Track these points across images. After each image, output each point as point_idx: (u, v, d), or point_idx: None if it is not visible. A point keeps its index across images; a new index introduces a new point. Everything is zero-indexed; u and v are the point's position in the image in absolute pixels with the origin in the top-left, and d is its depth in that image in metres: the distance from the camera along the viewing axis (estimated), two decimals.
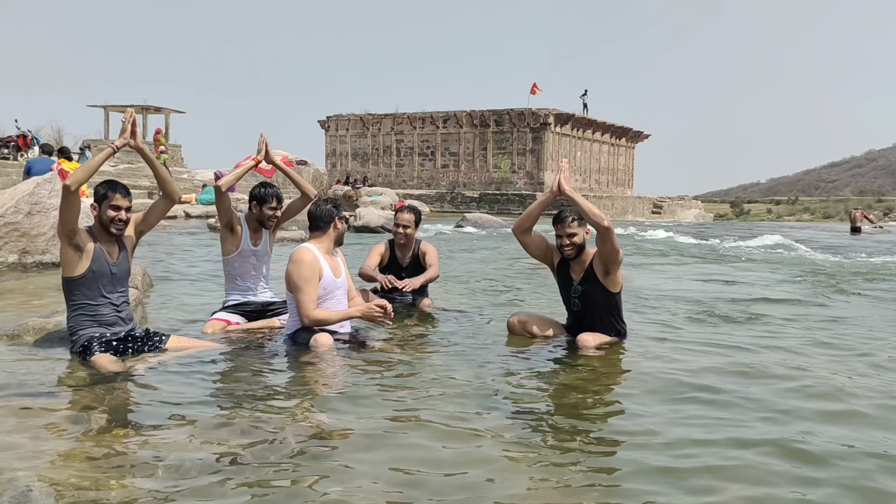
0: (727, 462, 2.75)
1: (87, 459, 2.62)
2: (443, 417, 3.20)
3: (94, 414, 3.15)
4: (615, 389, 3.84)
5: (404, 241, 6.03)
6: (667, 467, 2.69)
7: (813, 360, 4.47)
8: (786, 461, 2.77)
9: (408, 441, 2.92)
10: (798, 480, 2.61)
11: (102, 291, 4.06)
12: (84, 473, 2.48)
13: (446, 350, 4.56)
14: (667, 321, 5.81)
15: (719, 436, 3.05)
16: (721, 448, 2.91)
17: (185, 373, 3.85)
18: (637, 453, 2.83)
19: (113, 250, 4.13)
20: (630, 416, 3.34)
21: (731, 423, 3.23)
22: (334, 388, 3.67)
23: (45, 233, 7.39)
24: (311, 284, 4.37)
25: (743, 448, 2.90)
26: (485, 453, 2.80)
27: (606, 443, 2.99)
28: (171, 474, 2.52)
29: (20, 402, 3.27)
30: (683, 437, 3.02)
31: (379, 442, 2.90)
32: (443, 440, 2.92)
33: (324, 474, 2.56)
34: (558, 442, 2.99)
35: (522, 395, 3.65)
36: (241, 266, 5.11)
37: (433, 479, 2.55)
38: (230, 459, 2.66)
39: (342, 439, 2.92)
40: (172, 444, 2.81)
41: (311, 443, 2.86)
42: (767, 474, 2.65)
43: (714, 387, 3.80)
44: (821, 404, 3.54)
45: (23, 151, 25.15)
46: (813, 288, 8.43)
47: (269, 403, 3.36)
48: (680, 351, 4.67)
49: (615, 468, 2.70)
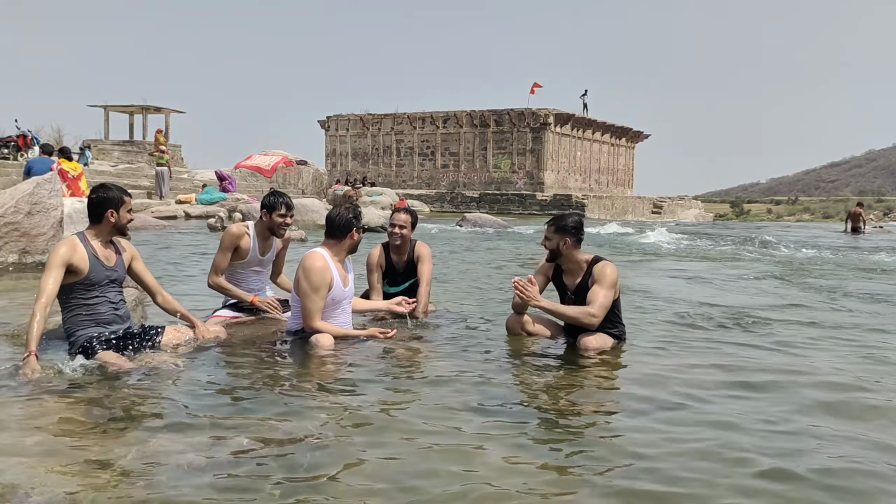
0: (728, 460, 2.76)
1: (87, 460, 2.61)
2: (443, 417, 3.20)
3: (94, 414, 3.15)
4: (614, 391, 3.84)
5: (400, 243, 5.70)
6: (666, 467, 2.69)
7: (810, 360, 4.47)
8: (784, 465, 2.78)
9: (407, 441, 2.91)
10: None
11: (99, 291, 4.03)
12: (84, 474, 2.48)
13: (445, 350, 4.56)
14: (666, 320, 5.81)
15: (719, 437, 3.05)
16: (721, 449, 2.91)
17: (185, 372, 3.84)
18: (637, 454, 2.83)
19: (110, 256, 4.10)
20: (630, 417, 3.33)
21: (731, 424, 3.23)
22: (333, 388, 3.67)
23: (45, 233, 7.39)
24: (318, 294, 4.36)
25: (744, 449, 2.90)
26: (484, 453, 2.80)
27: (606, 444, 2.98)
28: (171, 474, 2.52)
29: (20, 402, 3.26)
30: (683, 438, 3.02)
31: (377, 442, 2.90)
32: (442, 441, 2.92)
33: (323, 474, 2.56)
34: (557, 443, 2.99)
35: (522, 396, 3.65)
36: (244, 272, 5.13)
37: (433, 479, 2.55)
38: (231, 460, 2.66)
39: (342, 439, 2.92)
40: (172, 444, 2.81)
41: (311, 442, 2.86)
42: (769, 481, 2.65)
43: (715, 387, 3.80)
44: (817, 394, 3.54)
45: (23, 151, 25.14)
46: (813, 291, 8.43)
47: (270, 404, 3.36)
48: (680, 353, 4.67)
49: (615, 470, 2.70)
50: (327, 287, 4.40)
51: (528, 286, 4.41)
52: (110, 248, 4.13)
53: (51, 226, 7.43)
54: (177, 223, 17.68)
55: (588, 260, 4.69)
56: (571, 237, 4.63)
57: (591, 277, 4.61)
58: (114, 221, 4.05)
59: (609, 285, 4.54)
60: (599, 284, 4.54)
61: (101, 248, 4.07)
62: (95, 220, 4.09)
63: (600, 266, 4.61)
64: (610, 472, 2.67)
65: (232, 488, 2.44)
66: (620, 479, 2.60)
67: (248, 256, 5.05)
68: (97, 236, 4.08)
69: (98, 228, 4.09)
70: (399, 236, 5.68)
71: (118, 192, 4.10)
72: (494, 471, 2.63)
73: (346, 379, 3.85)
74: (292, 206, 5.09)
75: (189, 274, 8.19)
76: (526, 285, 4.41)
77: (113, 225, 4.07)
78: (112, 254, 4.13)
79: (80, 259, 3.94)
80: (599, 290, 4.52)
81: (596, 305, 4.47)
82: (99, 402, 3.32)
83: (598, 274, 4.58)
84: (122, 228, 4.10)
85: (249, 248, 5.04)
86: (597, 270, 4.60)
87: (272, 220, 5.01)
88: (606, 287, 4.53)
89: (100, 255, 4.04)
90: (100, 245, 4.07)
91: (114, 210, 4.04)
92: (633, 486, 2.53)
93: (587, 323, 4.47)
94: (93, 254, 4.01)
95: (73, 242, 3.98)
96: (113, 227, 4.08)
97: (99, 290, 4.03)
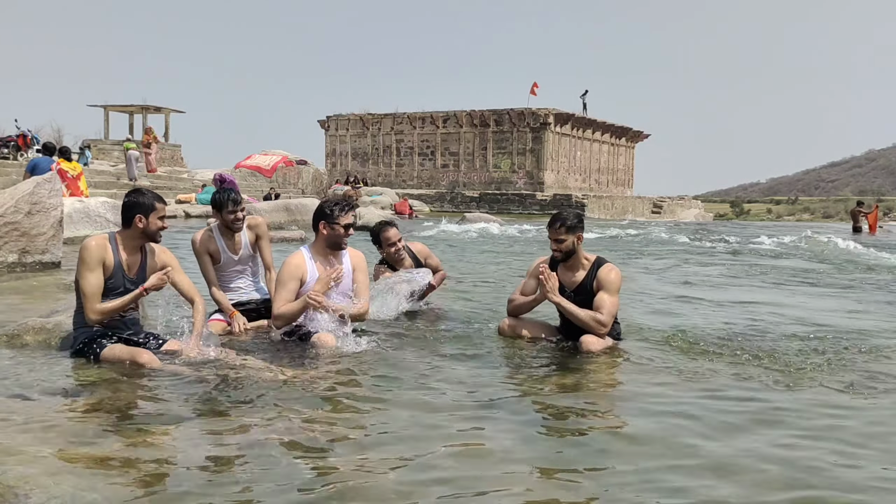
0: (728, 464, 2.76)
1: (86, 460, 2.61)
2: (442, 418, 3.20)
3: (94, 414, 3.15)
4: (613, 392, 3.85)
5: (402, 256, 5.84)
6: (663, 470, 2.69)
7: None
8: (783, 467, 2.78)
9: (406, 441, 2.91)
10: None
11: (114, 296, 3.97)
12: (84, 475, 2.48)
13: (445, 350, 4.56)
14: (665, 320, 5.80)
15: (719, 440, 3.05)
16: (722, 449, 2.91)
17: (184, 373, 3.84)
18: (636, 455, 2.83)
19: (134, 264, 4.04)
20: (629, 418, 3.33)
21: (732, 425, 3.23)
22: (333, 388, 3.66)
23: (44, 232, 7.39)
24: (285, 287, 4.52)
25: (746, 448, 2.90)
26: (483, 454, 2.80)
27: (604, 445, 2.98)
28: (171, 475, 2.52)
29: (20, 402, 3.26)
30: (682, 438, 3.02)
31: (375, 441, 2.90)
32: (442, 440, 2.92)
33: (322, 474, 2.56)
34: (558, 443, 2.99)
35: (522, 396, 3.65)
36: (226, 273, 5.16)
37: (432, 479, 2.55)
38: (231, 460, 2.66)
39: (340, 438, 2.92)
40: (172, 444, 2.82)
41: (311, 442, 2.86)
42: (770, 478, 2.65)
43: (715, 389, 3.80)
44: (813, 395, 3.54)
45: (23, 151, 25.14)
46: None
47: (269, 403, 3.36)
48: (679, 352, 4.66)
49: (613, 471, 2.70)
50: (297, 281, 4.53)
51: (552, 278, 4.50)
52: (137, 254, 4.07)
53: (51, 226, 7.44)
54: (177, 223, 17.68)
55: (590, 259, 4.68)
56: (581, 231, 4.65)
57: (595, 280, 4.59)
58: (142, 227, 4.00)
59: (615, 291, 4.56)
60: (606, 291, 4.54)
61: (128, 255, 4.02)
62: (126, 224, 4.05)
63: (605, 270, 4.60)
64: (610, 472, 2.67)
65: (233, 488, 2.44)
66: (622, 479, 2.60)
67: (221, 259, 5.10)
68: (126, 240, 4.03)
69: (128, 233, 4.04)
70: (398, 250, 5.80)
71: (151, 198, 4.04)
72: (493, 471, 2.63)
73: (345, 379, 3.84)
74: (239, 200, 5.09)
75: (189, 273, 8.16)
76: (552, 277, 4.50)
77: (142, 231, 4.01)
78: (137, 262, 4.06)
79: (108, 263, 3.93)
80: (607, 297, 4.52)
81: (605, 313, 4.48)
82: (99, 401, 3.32)
83: (603, 279, 4.57)
84: (151, 235, 4.04)
85: (220, 251, 5.09)
86: (602, 275, 4.58)
87: (224, 218, 5.04)
88: (613, 293, 4.54)
89: (125, 264, 4.00)
90: (128, 251, 4.02)
91: (143, 216, 3.99)
92: (633, 487, 2.53)
93: (595, 329, 4.47)
94: (119, 262, 3.97)
95: (104, 244, 3.95)
96: (142, 233, 4.02)
97: (114, 294, 3.96)
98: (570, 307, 4.52)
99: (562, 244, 4.62)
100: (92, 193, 15.66)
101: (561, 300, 4.52)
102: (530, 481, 2.58)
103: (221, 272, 5.14)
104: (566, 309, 4.54)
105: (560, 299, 4.52)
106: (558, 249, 4.65)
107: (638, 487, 2.52)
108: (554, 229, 4.63)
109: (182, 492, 2.39)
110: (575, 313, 4.51)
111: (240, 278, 5.21)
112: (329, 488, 2.45)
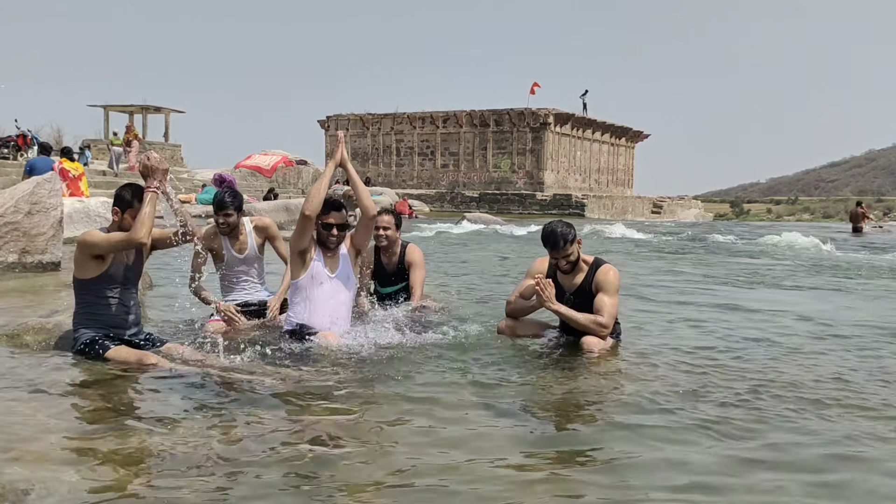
0: (728, 465, 2.76)
1: (86, 460, 2.61)
2: (442, 418, 3.20)
3: (94, 414, 3.15)
4: (614, 392, 3.84)
5: (386, 244, 5.65)
6: (665, 469, 2.69)
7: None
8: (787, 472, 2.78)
9: (406, 441, 2.91)
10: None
11: (114, 293, 4.00)
12: (84, 474, 2.48)
13: (445, 350, 4.55)
14: (665, 320, 5.80)
15: (718, 441, 3.04)
16: (722, 450, 2.91)
17: (184, 372, 3.84)
18: (636, 454, 2.83)
19: (130, 252, 4.07)
20: (629, 418, 3.33)
21: (732, 426, 3.23)
22: (332, 388, 3.66)
23: (44, 232, 7.39)
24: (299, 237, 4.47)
25: (749, 450, 2.90)
26: (481, 454, 2.80)
27: (604, 444, 2.98)
28: (171, 474, 2.52)
29: (19, 402, 3.26)
30: (680, 439, 3.02)
31: (375, 441, 2.90)
32: (441, 441, 2.92)
33: (322, 473, 2.56)
34: (556, 444, 2.99)
35: (522, 396, 3.64)
36: (230, 273, 5.19)
37: (432, 479, 2.55)
38: (231, 459, 2.66)
39: (340, 439, 2.92)
40: (172, 444, 2.81)
41: (310, 441, 2.85)
42: (773, 480, 2.65)
43: (716, 389, 3.80)
44: (809, 392, 3.54)
45: (23, 151, 25.14)
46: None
47: (271, 403, 3.36)
48: (679, 352, 4.66)
49: (614, 471, 2.69)
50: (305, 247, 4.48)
51: (549, 286, 4.42)
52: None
53: (51, 226, 7.43)
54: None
55: (588, 260, 4.67)
56: (576, 234, 4.60)
57: (593, 282, 4.58)
58: (116, 221, 4.01)
59: (615, 292, 4.53)
60: (605, 293, 4.51)
61: None
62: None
63: (603, 271, 4.57)
64: (611, 472, 2.67)
65: (234, 488, 2.43)
66: (622, 479, 2.60)
67: (225, 257, 5.14)
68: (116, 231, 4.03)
69: (114, 226, 4.04)
70: (384, 237, 5.63)
71: (132, 195, 4.00)
72: (493, 471, 2.63)
73: (346, 378, 3.84)
74: (225, 202, 5.08)
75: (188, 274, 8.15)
76: (548, 286, 4.42)
77: (117, 224, 4.01)
78: (132, 251, 4.08)
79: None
80: (606, 298, 4.49)
81: (606, 315, 4.45)
82: (99, 401, 3.32)
83: (601, 281, 4.54)
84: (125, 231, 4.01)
85: (223, 249, 5.13)
86: (600, 276, 4.55)
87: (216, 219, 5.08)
88: (612, 294, 4.51)
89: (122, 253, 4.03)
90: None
91: (119, 210, 3.99)
92: (634, 488, 2.53)
93: (597, 332, 4.45)
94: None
95: (101, 234, 3.95)
96: (118, 228, 4.01)
97: (113, 290, 3.99)
98: (570, 313, 4.49)
99: (570, 256, 4.55)
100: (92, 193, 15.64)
101: (559, 308, 4.47)
102: (530, 481, 2.58)
103: (226, 271, 5.18)
104: (566, 316, 4.50)
105: (558, 307, 4.47)
106: (568, 263, 4.57)
107: (639, 487, 2.52)
108: (559, 249, 4.50)
109: (182, 491, 2.39)
110: (575, 318, 4.47)
111: (245, 278, 5.22)
112: (329, 488, 2.45)
